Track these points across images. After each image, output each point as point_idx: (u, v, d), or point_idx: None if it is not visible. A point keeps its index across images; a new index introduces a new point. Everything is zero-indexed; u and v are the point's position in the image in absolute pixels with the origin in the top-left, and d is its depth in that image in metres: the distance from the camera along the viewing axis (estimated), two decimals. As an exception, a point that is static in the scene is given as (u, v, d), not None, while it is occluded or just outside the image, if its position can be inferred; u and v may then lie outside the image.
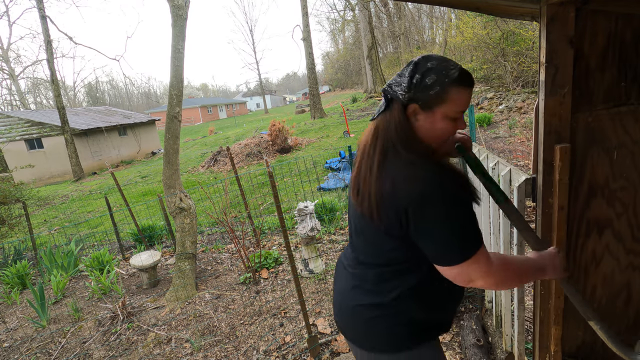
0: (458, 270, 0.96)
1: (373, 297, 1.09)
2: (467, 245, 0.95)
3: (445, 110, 0.98)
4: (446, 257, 0.96)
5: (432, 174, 0.95)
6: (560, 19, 1.22)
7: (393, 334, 1.08)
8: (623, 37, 1.26)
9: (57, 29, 19.62)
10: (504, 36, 12.23)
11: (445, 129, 1.01)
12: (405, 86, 0.99)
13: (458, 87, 0.97)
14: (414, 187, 0.93)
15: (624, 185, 1.37)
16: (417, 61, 1.01)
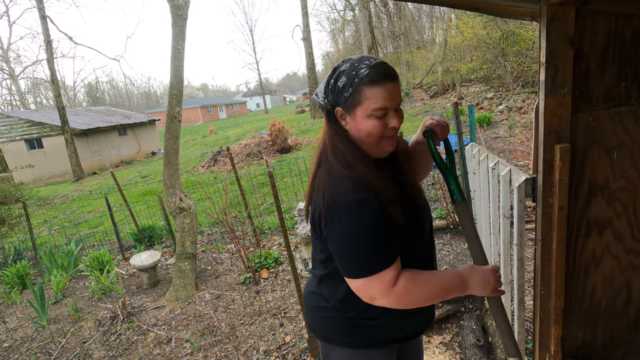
0: (358, 285, 0.99)
1: (316, 295, 1.18)
2: (367, 263, 0.96)
3: (363, 110, 0.96)
4: (347, 269, 0.99)
5: (346, 190, 0.95)
6: (560, 19, 1.22)
7: (335, 331, 1.14)
8: (623, 37, 1.26)
9: (57, 29, 19.63)
10: (504, 36, 12.23)
11: (371, 129, 0.97)
12: (323, 92, 1.01)
13: (370, 85, 0.94)
14: (328, 199, 0.96)
15: (624, 185, 1.37)
16: (336, 65, 1.01)
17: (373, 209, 0.94)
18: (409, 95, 19.60)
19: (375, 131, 0.98)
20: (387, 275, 0.96)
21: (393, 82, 0.96)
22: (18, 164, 13.53)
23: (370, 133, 0.98)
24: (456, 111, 2.61)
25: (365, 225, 0.94)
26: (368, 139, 0.99)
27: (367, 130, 0.98)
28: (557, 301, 1.46)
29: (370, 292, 0.98)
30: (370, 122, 0.97)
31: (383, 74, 0.95)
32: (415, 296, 1.00)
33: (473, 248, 1.14)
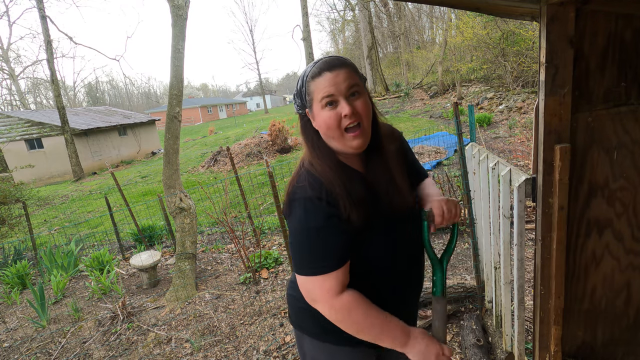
0: (300, 282, 1.00)
1: (294, 284, 1.18)
2: (308, 263, 0.97)
3: (316, 104, 0.99)
4: (294, 263, 1.02)
5: (304, 185, 0.99)
6: (560, 19, 1.22)
7: (308, 322, 1.15)
8: (623, 37, 1.26)
9: (57, 29, 19.64)
10: (504, 36, 12.24)
11: (327, 118, 0.98)
12: (293, 99, 1.08)
13: (314, 79, 0.98)
14: (290, 192, 1.02)
15: (624, 185, 1.37)
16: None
17: (322, 209, 0.95)
18: (408, 95, 19.60)
19: (330, 122, 0.97)
20: (327, 281, 0.96)
21: (332, 70, 0.96)
22: (18, 164, 13.54)
23: (327, 124, 0.98)
24: (456, 111, 2.61)
25: (312, 224, 0.95)
26: (329, 132, 0.99)
27: (324, 122, 0.98)
28: (557, 301, 1.46)
29: (310, 292, 0.99)
30: (324, 113, 0.98)
31: (322, 65, 0.98)
32: (352, 321, 0.98)
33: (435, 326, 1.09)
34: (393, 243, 1.05)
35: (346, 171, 1.03)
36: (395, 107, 17.87)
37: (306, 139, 1.07)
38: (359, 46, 33.69)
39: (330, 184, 0.97)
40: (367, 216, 0.99)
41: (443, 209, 1.08)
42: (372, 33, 23.28)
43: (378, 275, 1.05)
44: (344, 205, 0.95)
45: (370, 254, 1.03)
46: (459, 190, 4.40)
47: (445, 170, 6.33)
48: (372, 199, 1.02)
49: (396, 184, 1.07)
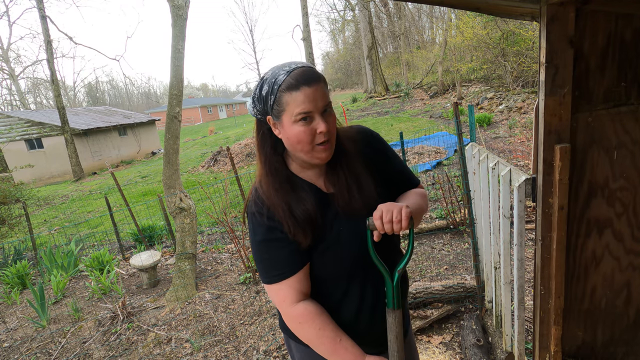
0: (268, 290, 1.04)
1: None
2: (262, 272, 1.02)
3: (288, 117, 0.93)
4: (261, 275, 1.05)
5: (252, 199, 1.03)
6: (560, 19, 1.22)
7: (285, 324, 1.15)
8: (623, 37, 1.26)
9: (57, 29, 19.63)
10: (504, 36, 12.24)
11: (300, 135, 0.93)
12: (251, 102, 1.02)
13: (288, 91, 0.91)
14: (247, 204, 1.06)
15: (624, 185, 1.37)
16: (262, 75, 0.99)
17: (263, 224, 0.99)
18: (408, 95, 19.61)
19: (303, 137, 0.94)
20: (281, 290, 1.00)
21: (311, 85, 0.91)
22: (18, 164, 13.54)
23: (299, 140, 0.94)
24: (456, 111, 2.61)
25: (258, 237, 1.00)
26: (299, 146, 0.95)
27: (296, 137, 0.94)
28: (557, 301, 1.46)
29: (272, 299, 1.04)
30: (296, 128, 0.93)
31: (300, 78, 0.91)
32: (303, 334, 1.01)
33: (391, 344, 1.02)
34: (348, 248, 1.01)
35: (296, 189, 1.01)
36: (395, 107, 17.87)
37: (261, 150, 1.04)
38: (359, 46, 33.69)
39: (273, 207, 0.99)
40: (315, 234, 0.98)
41: (383, 214, 0.94)
42: (372, 33, 23.28)
43: (333, 281, 1.04)
44: (288, 227, 0.97)
45: (325, 260, 1.02)
46: (459, 190, 4.40)
47: (445, 170, 6.33)
48: (323, 212, 1.00)
49: (355, 185, 1.03)
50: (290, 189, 1.01)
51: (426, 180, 6.29)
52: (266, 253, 1.00)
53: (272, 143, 1.03)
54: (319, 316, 0.99)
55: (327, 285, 1.05)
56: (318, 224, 0.99)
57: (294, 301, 0.99)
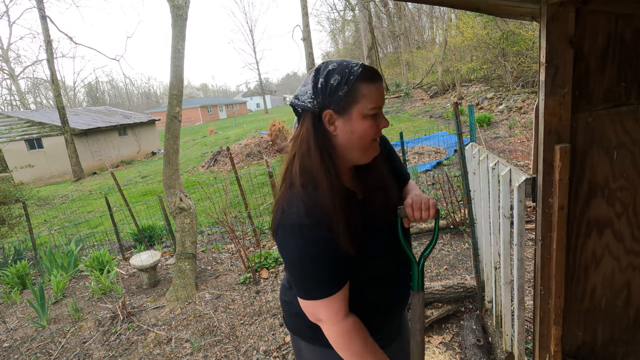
0: (304, 305, 0.97)
1: (286, 290, 1.18)
2: (309, 288, 0.94)
3: (360, 109, 0.91)
4: (294, 288, 0.98)
5: (297, 212, 0.90)
6: (560, 19, 1.22)
7: (302, 327, 1.12)
8: (623, 37, 1.26)
9: (57, 29, 19.62)
10: (504, 36, 12.24)
11: (367, 129, 0.93)
12: (311, 93, 0.93)
13: (366, 82, 0.91)
14: (280, 217, 0.93)
15: (624, 185, 1.37)
16: (317, 67, 0.96)
17: (319, 236, 0.89)
18: (409, 95, 19.60)
19: (369, 132, 0.93)
20: (333, 304, 0.93)
21: (380, 82, 0.95)
22: (18, 164, 13.54)
23: (364, 135, 0.93)
24: (456, 111, 2.61)
25: (311, 251, 0.90)
26: (360, 142, 0.94)
27: (363, 131, 0.93)
28: (557, 301, 1.46)
29: (315, 314, 0.96)
30: (365, 122, 0.92)
31: (375, 73, 0.94)
32: (349, 347, 0.95)
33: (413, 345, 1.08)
34: (383, 254, 1.04)
35: (346, 197, 0.97)
36: (395, 107, 17.86)
37: (319, 148, 0.93)
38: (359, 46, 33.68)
39: (330, 217, 0.90)
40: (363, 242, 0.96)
41: (413, 203, 1.03)
42: (372, 33, 23.27)
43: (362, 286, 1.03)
44: (344, 238, 0.91)
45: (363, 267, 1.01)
46: (459, 190, 4.40)
47: (445, 170, 6.33)
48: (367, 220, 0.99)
49: (386, 189, 1.05)
50: (344, 198, 0.94)
51: (426, 180, 6.29)
52: (320, 266, 0.91)
53: (328, 143, 0.95)
54: (363, 328, 0.98)
55: (356, 291, 1.02)
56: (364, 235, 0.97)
57: (346, 313, 0.95)
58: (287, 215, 0.91)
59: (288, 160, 0.99)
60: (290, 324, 1.19)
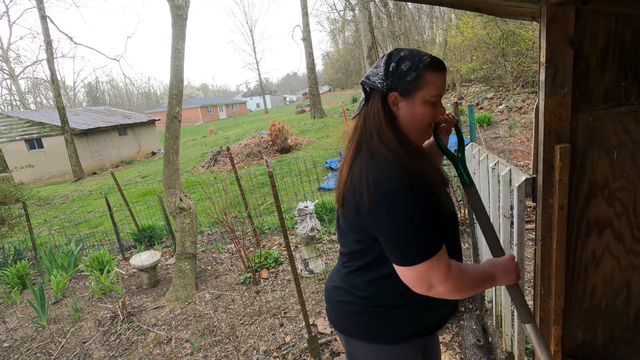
0: (416, 273, 0.96)
1: (342, 290, 1.16)
2: (426, 246, 0.95)
3: (423, 94, 1.01)
4: (402, 256, 0.97)
5: (394, 176, 0.95)
6: (560, 19, 1.22)
7: (361, 325, 1.12)
8: (623, 37, 1.26)
9: (57, 29, 19.61)
10: (504, 36, 12.23)
11: (426, 114, 1.03)
12: (382, 75, 1.02)
13: (432, 71, 1.00)
14: (375, 185, 0.95)
15: (624, 185, 1.37)
16: (390, 52, 1.05)
17: (424, 194, 0.95)
18: (409, 95, 19.55)
19: (428, 117, 1.03)
20: (442, 259, 0.97)
21: (445, 72, 1.05)
22: (18, 164, 13.54)
23: (423, 118, 1.03)
24: (456, 111, 2.61)
25: (418, 210, 0.94)
26: (418, 125, 1.04)
27: (423, 115, 1.02)
28: (557, 301, 1.46)
29: (429, 278, 0.96)
30: (426, 107, 1.02)
31: (442, 63, 1.03)
32: (466, 283, 1.00)
33: (488, 237, 1.16)
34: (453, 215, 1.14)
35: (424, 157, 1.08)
36: (395, 107, 17.82)
37: (389, 123, 1.01)
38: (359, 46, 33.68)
39: (422, 170, 0.98)
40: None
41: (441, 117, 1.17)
42: (372, 33, 23.25)
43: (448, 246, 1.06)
44: (436, 188, 0.99)
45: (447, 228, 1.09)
46: (458, 190, 4.40)
47: (445, 170, 6.32)
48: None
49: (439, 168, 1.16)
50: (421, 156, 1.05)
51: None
52: (430, 224, 0.95)
53: (393, 120, 1.03)
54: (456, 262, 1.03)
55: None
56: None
57: (449, 263, 0.99)
58: (386, 182, 0.94)
59: (358, 133, 1.05)
60: (344, 325, 1.17)
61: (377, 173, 0.96)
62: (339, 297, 1.17)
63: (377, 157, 0.98)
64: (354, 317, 1.13)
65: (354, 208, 1.00)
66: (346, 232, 1.10)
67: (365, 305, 1.11)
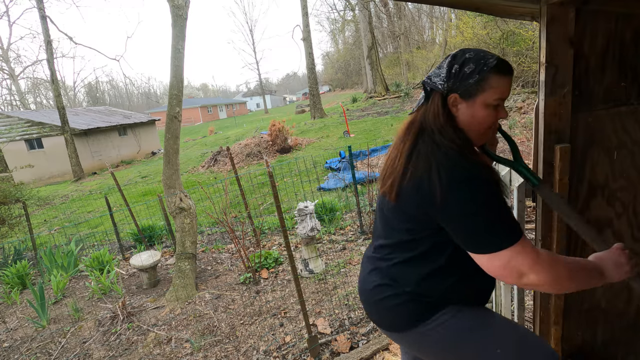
0: (503, 260, 0.92)
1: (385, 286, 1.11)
2: (508, 230, 0.92)
3: (485, 97, 1.00)
4: (488, 241, 0.93)
5: (466, 165, 0.94)
6: (560, 19, 1.22)
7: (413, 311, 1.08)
8: (623, 37, 1.26)
9: (57, 29, 19.61)
10: (504, 36, 12.24)
11: (486, 117, 1.02)
12: (444, 76, 1.03)
13: (497, 75, 0.99)
14: (447, 174, 0.93)
15: (624, 185, 1.37)
16: (454, 53, 1.04)
17: (496, 182, 0.96)
18: (408, 96, 19.61)
19: (488, 120, 1.02)
20: (527, 245, 0.93)
21: (512, 76, 1.02)
22: (18, 164, 13.53)
23: (482, 122, 1.02)
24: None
25: (496, 194, 0.94)
26: (477, 127, 1.03)
27: (483, 118, 1.02)
28: (557, 301, 1.46)
29: (518, 266, 0.91)
30: (486, 111, 1.01)
31: (509, 67, 1.01)
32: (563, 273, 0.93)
33: (584, 233, 1.09)
34: None
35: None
36: (395, 107, 17.87)
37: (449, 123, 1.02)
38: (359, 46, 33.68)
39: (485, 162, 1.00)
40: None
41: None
42: (372, 33, 23.27)
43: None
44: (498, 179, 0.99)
45: None
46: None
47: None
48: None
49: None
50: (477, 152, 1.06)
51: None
52: (507, 208, 0.94)
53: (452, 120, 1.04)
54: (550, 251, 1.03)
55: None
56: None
57: (537, 249, 0.94)
58: (459, 170, 0.94)
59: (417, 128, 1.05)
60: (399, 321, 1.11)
61: (448, 163, 0.95)
62: (382, 294, 1.11)
63: (442, 149, 0.97)
64: (402, 308, 1.08)
65: (417, 199, 0.98)
66: (395, 223, 1.08)
67: (412, 295, 1.07)
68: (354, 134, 12.86)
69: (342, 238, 4.56)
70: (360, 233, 4.55)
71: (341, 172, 7.70)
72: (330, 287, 3.43)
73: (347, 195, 6.16)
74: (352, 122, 15.87)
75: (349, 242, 4.39)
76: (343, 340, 2.58)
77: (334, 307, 3.06)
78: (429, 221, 1.00)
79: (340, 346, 2.53)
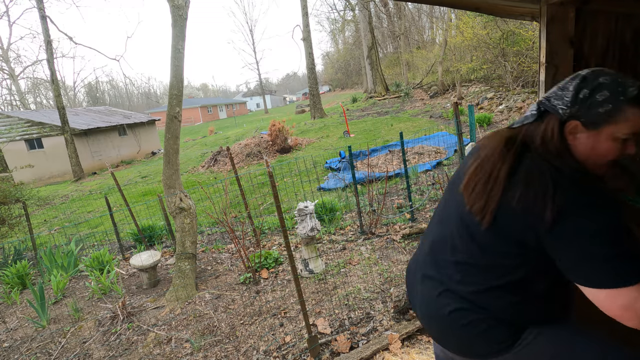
0: (626, 300, 0.80)
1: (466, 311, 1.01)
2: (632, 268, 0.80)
3: (614, 130, 0.88)
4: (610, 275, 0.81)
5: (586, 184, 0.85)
6: (560, 19, 1.23)
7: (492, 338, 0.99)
8: (623, 37, 1.26)
9: (57, 29, 19.61)
10: (504, 36, 12.24)
11: (610, 151, 0.90)
12: (568, 100, 0.91)
13: (635, 107, 0.86)
14: (571, 196, 0.84)
15: (624, 185, 1.37)
16: (585, 75, 0.92)
17: (616, 207, 0.84)
18: (409, 95, 19.61)
19: (611, 154, 0.91)
20: None
21: None
22: (18, 164, 13.54)
23: (606, 155, 0.91)
24: (456, 111, 2.61)
25: (621, 222, 0.82)
26: (595, 159, 0.92)
27: (605, 151, 0.90)
28: (557, 301, 1.46)
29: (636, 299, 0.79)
30: (612, 144, 0.89)
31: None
32: None
33: None
34: None
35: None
36: (395, 107, 17.87)
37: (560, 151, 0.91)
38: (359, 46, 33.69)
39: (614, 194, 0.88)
40: None
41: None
42: (372, 33, 23.27)
43: None
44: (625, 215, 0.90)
45: None
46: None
47: (446, 170, 6.33)
48: None
49: None
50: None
51: (426, 180, 6.29)
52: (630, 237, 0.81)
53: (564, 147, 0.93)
54: None
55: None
56: None
57: None
58: (584, 195, 0.83)
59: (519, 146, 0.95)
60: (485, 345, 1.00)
61: (568, 185, 0.85)
62: (466, 318, 1.01)
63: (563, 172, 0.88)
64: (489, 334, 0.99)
65: (526, 222, 0.88)
66: (486, 245, 0.96)
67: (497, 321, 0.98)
68: (354, 134, 12.86)
69: (342, 238, 4.56)
70: (360, 233, 4.55)
71: (341, 172, 7.71)
72: (330, 287, 3.43)
73: (347, 195, 6.16)
74: (352, 122, 15.87)
75: (349, 242, 4.39)
76: (343, 340, 2.58)
77: (334, 307, 3.06)
78: (534, 247, 0.90)
79: (340, 346, 2.53)
